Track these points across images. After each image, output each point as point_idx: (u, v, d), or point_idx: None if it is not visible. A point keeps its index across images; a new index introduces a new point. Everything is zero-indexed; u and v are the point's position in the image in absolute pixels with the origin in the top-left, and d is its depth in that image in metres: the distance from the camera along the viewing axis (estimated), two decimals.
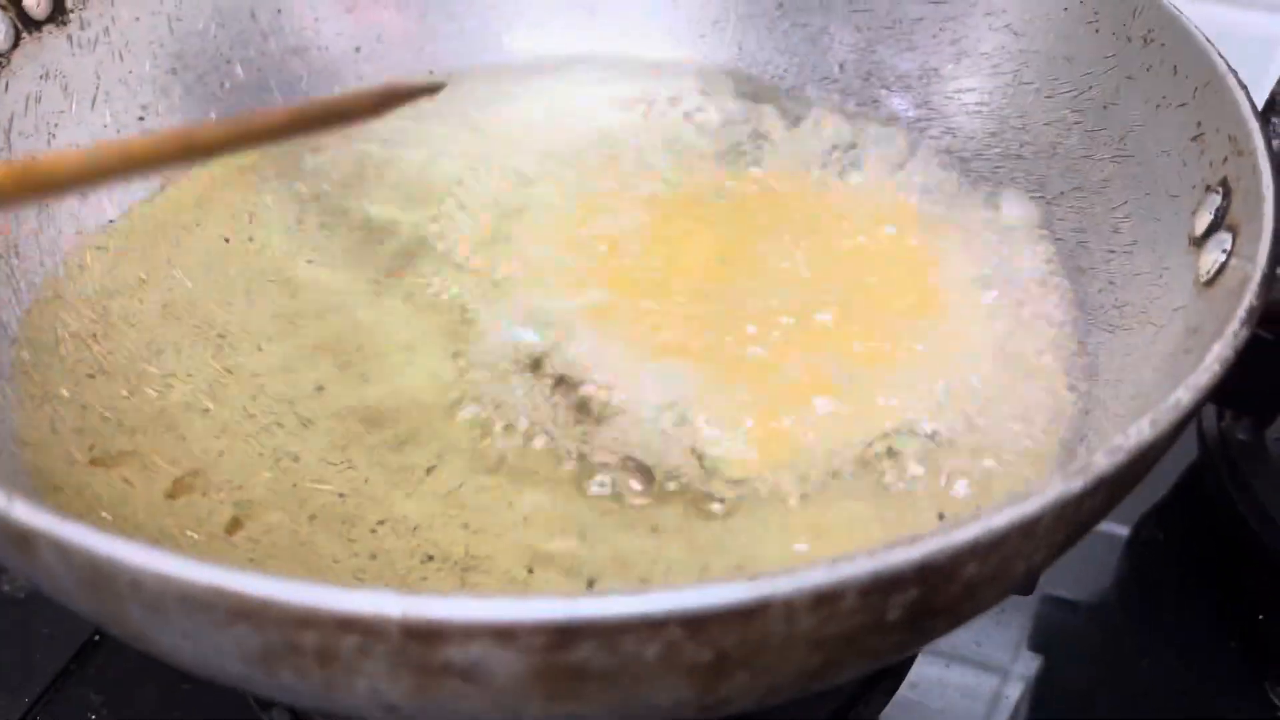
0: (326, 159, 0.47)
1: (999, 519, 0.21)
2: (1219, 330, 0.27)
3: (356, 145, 0.47)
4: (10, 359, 0.36)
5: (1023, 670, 0.43)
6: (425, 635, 0.19)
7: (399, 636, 0.19)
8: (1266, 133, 0.33)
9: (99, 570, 0.20)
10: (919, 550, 0.20)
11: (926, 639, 0.24)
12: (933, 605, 0.21)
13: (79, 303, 0.39)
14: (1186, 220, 0.35)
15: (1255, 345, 0.27)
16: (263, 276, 0.41)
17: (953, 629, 0.24)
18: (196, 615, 0.20)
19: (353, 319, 0.40)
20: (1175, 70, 0.38)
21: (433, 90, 0.35)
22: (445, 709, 0.21)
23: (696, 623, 0.19)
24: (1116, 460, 0.23)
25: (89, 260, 0.41)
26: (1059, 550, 0.24)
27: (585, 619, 0.19)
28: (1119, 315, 0.37)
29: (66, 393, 0.36)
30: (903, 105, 0.49)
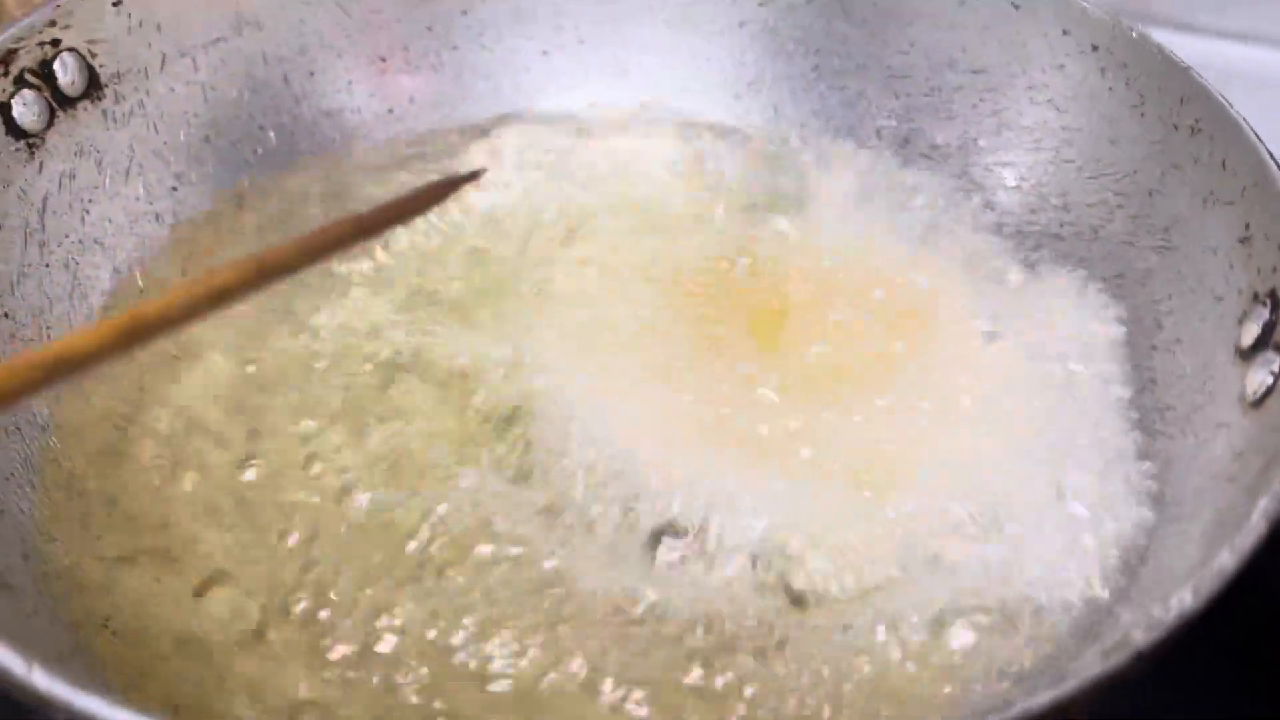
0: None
1: (1036, 702, 0.21)
2: (1267, 478, 0.26)
3: None
4: (38, 447, 0.36)
5: None
6: None
7: None
8: None
9: None
10: None
11: None
12: None
13: (111, 382, 0.39)
14: (1233, 328, 0.34)
15: None
16: (300, 361, 0.41)
17: None
18: None
19: (392, 405, 0.39)
20: (1224, 165, 0.37)
21: (474, 178, 0.35)
22: None
23: None
24: (1154, 637, 0.22)
25: None
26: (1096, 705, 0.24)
27: None
28: (1159, 419, 0.36)
29: (93, 484, 0.36)
30: (940, 174, 0.48)
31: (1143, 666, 0.22)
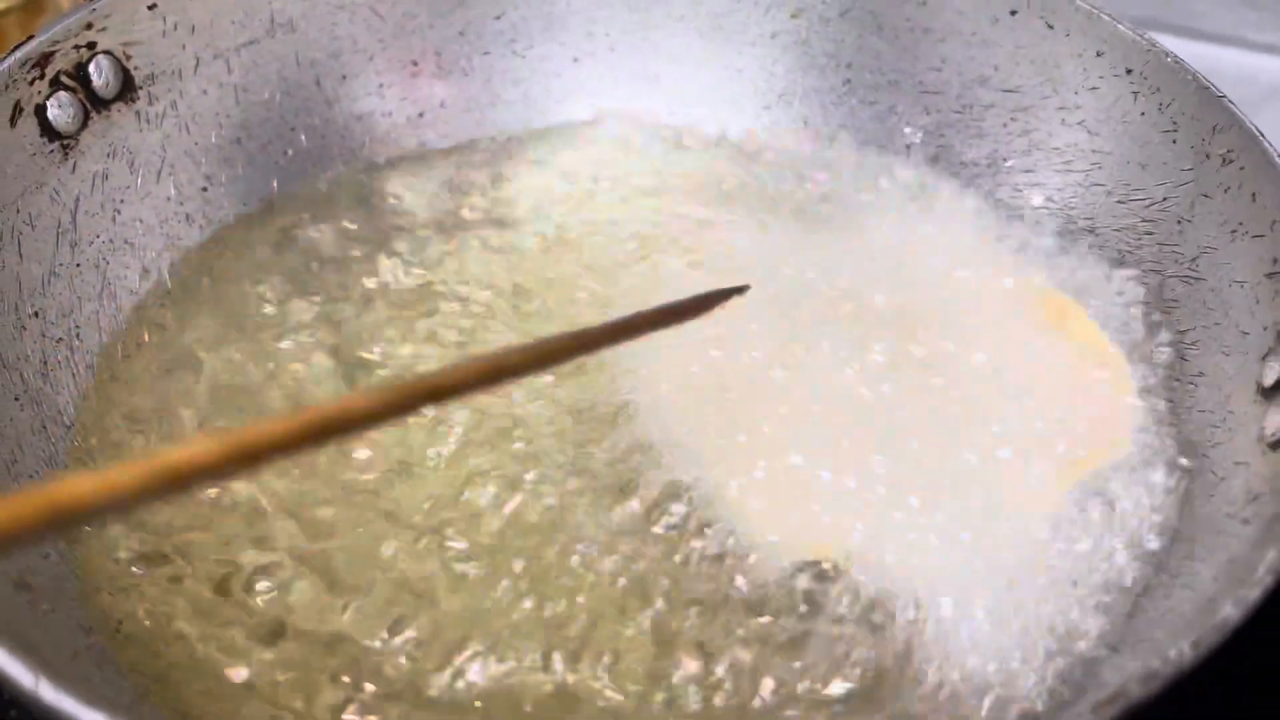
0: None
1: None
2: (1276, 529, 0.25)
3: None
4: (63, 447, 0.37)
5: None
6: None
7: None
8: None
9: None
10: None
11: None
12: None
13: (134, 385, 0.40)
14: (1255, 365, 0.34)
15: None
16: (319, 358, 0.42)
17: None
18: None
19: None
20: (1254, 198, 0.36)
21: (740, 291, 0.36)
22: None
23: None
24: (1150, 689, 0.22)
25: (147, 338, 0.42)
26: None
27: None
28: (1180, 454, 0.36)
29: None
30: (969, 193, 0.48)
31: (1139, 715, 0.22)
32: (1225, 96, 0.38)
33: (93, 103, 0.42)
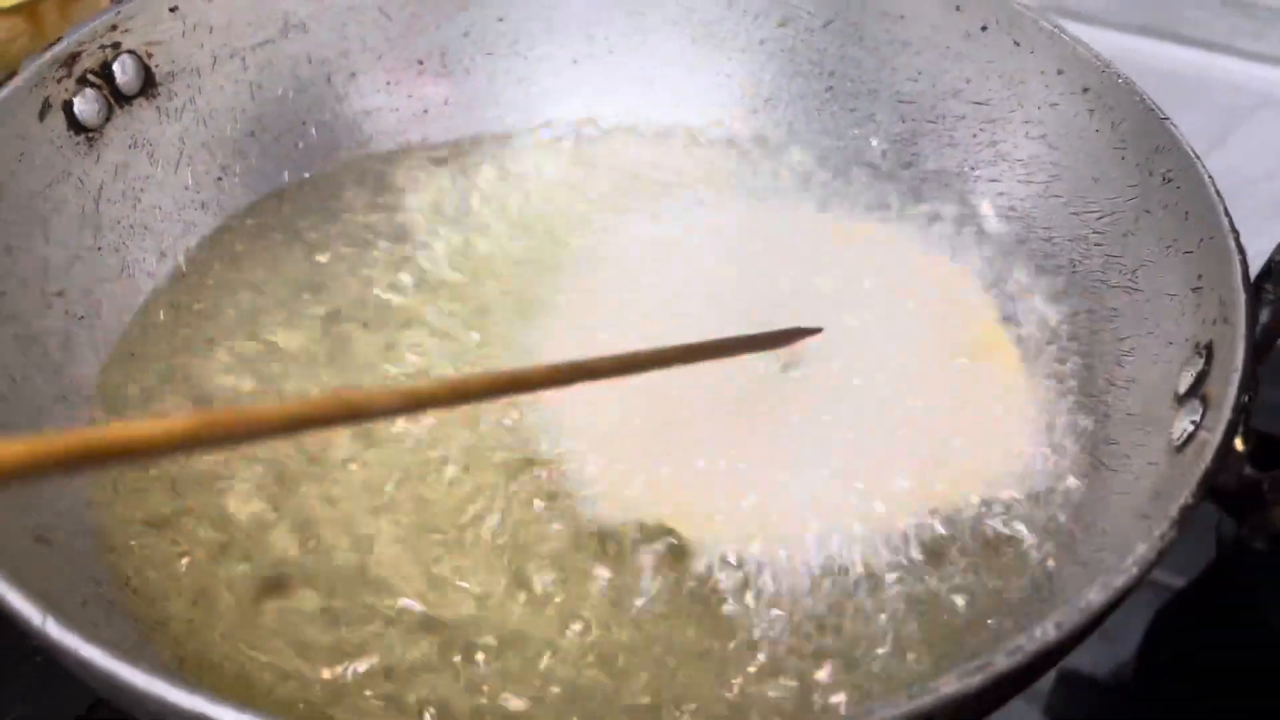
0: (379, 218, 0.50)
1: (891, 712, 0.24)
2: (1156, 525, 0.28)
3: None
4: (85, 418, 0.41)
5: None
6: None
7: None
8: (1254, 304, 0.34)
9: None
10: None
11: None
12: None
13: (150, 361, 0.43)
14: (1176, 373, 0.36)
15: None
16: (327, 339, 0.45)
17: None
18: None
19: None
20: (1186, 215, 0.39)
21: (814, 332, 0.40)
22: None
23: None
24: (1015, 661, 0.25)
25: (162, 317, 0.45)
26: None
27: None
28: (1109, 454, 0.38)
29: None
30: (938, 199, 0.50)
31: (1002, 690, 0.25)
32: (1169, 119, 0.41)
33: (116, 98, 0.45)
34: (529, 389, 0.31)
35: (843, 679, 0.33)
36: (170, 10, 0.46)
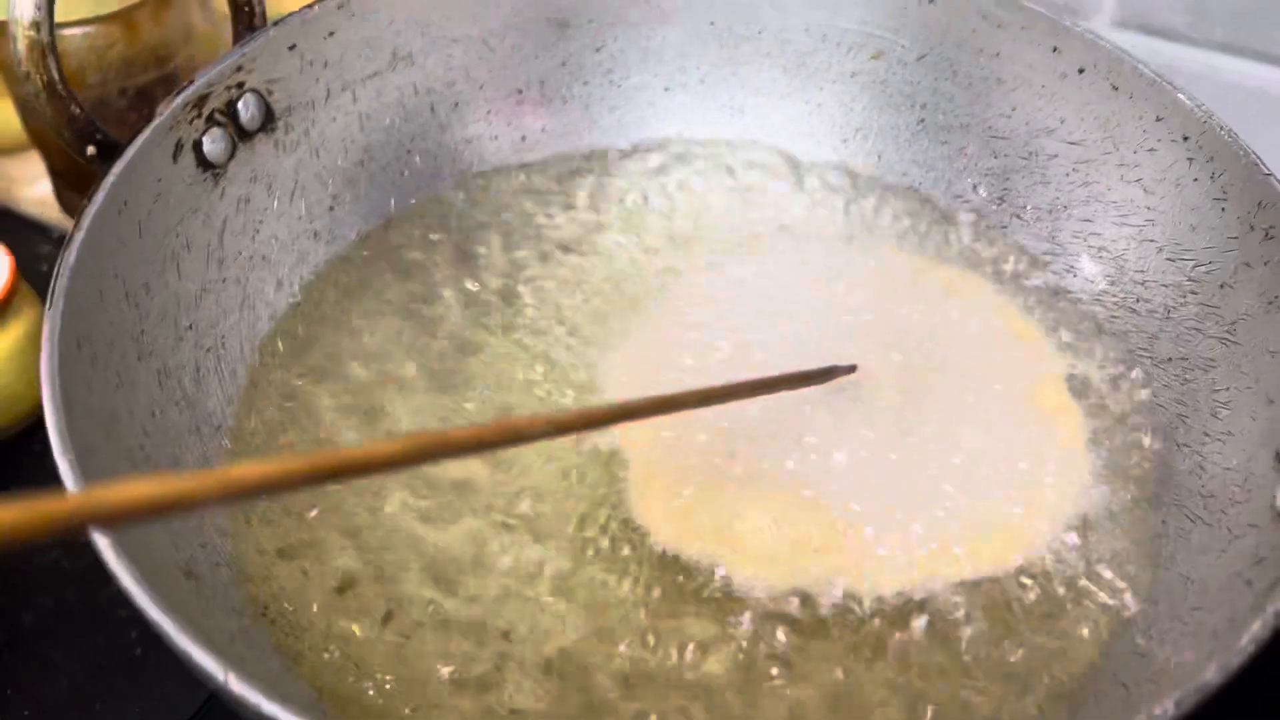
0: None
1: None
2: (1268, 599, 0.29)
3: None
4: (214, 446, 0.43)
5: None
6: None
7: None
8: None
9: None
10: None
11: None
12: None
13: (271, 390, 0.46)
14: (1278, 434, 0.37)
15: None
16: (435, 366, 0.47)
17: None
18: None
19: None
20: None
21: (849, 370, 0.44)
22: None
23: None
24: None
25: (280, 347, 0.47)
26: None
27: None
28: (1202, 505, 0.39)
29: None
30: (1030, 235, 0.51)
31: None
32: (1272, 175, 0.41)
33: (240, 135, 0.47)
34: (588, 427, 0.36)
35: None
36: (289, 49, 0.48)
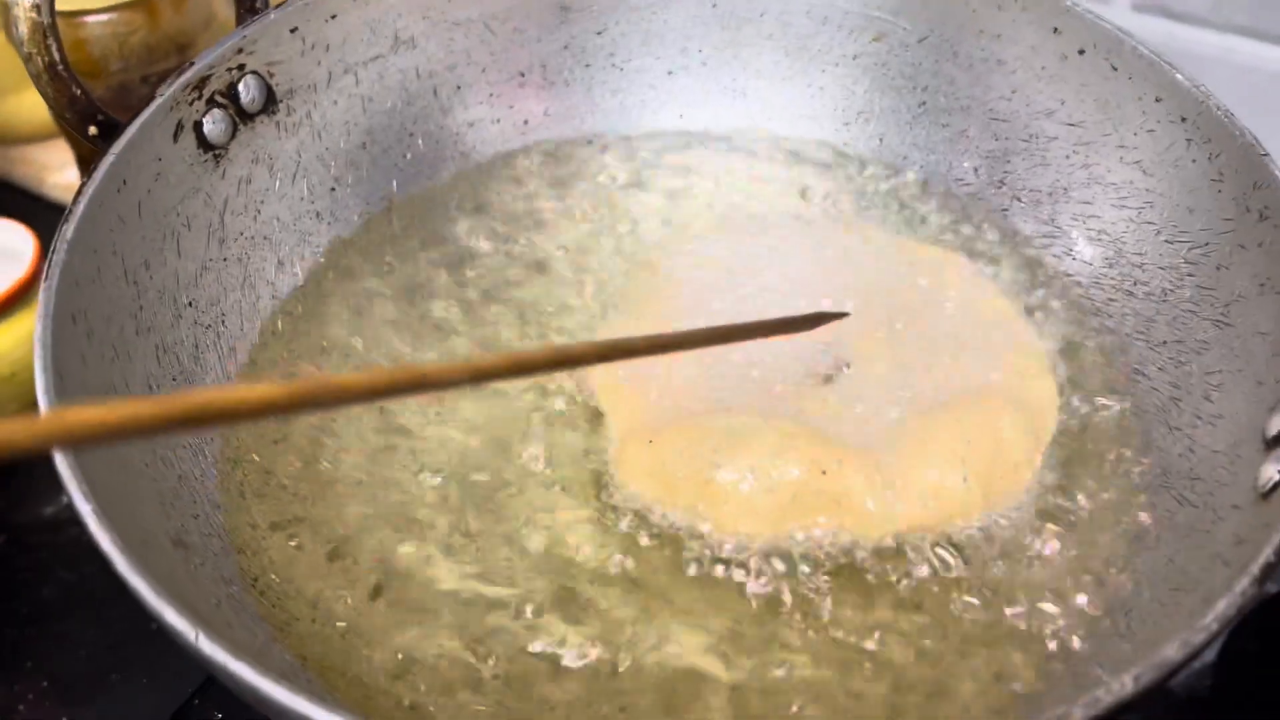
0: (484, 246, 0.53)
1: None
2: (1234, 578, 0.29)
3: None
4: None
5: None
6: None
7: None
8: None
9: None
10: None
11: None
12: None
13: (269, 368, 0.46)
14: (1265, 416, 0.37)
15: None
16: (434, 343, 0.47)
17: None
18: None
19: (514, 402, 0.45)
20: None
21: (841, 316, 0.42)
22: None
23: None
24: (1092, 712, 0.26)
25: (280, 326, 0.48)
26: None
27: None
28: (1190, 488, 0.39)
29: (257, 457, 0.43)
30: (1029, 218, 0.51)
31: None
32: (1269, 155, 0.41)
33: (241, 117, 0.48)
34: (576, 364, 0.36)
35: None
36: (291, 31, 0.49)
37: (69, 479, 0.32)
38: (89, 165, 0.63)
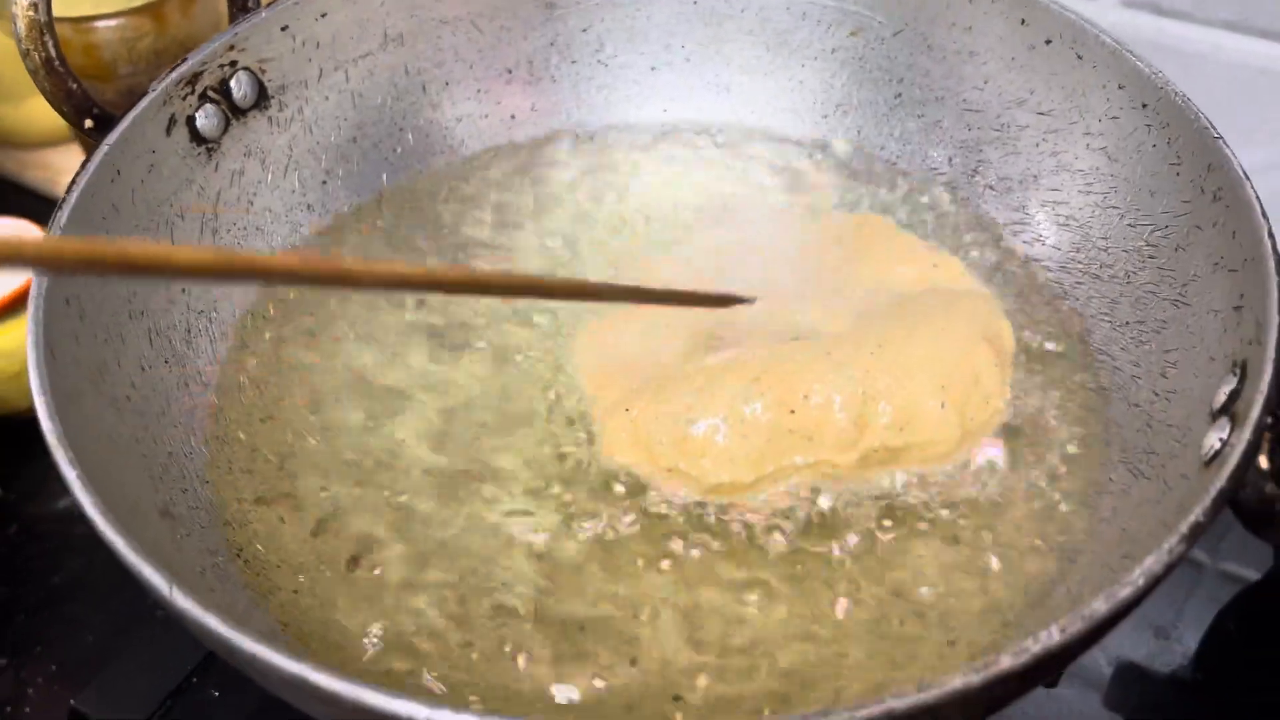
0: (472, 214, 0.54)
1: (900, 703, 0.26)
2: (1164, 537, 0.30)
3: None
4: (204, 403, 0.45)
5: None
6: None
7: None
8: None
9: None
10: None
11: None
12: None
13: (259, 351, 0.48)
14: (1214, 389, 0.38)
15: None
16: (419, 334, 0.49)
17: None
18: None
19: (498, 382, 0.47)
20: (1234, 235, 0.40)
21: (748, 301, 0.44)
22: None
23: None
24: (1021, 661, 0.27)
25: (271, 311, 0.50)
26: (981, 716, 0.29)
27: None
28: (1145, 461, 0.40)
29: (243, 435, 0.45)
30: (1001, 205, 0.52)
31: (1008, 686, 0.28)
32: (1221, 138, 0.42)
33: (233, 112, 0.49)
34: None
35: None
36: (282, 29, 0.50)
37: (55, 446, 0.33)
38: None
